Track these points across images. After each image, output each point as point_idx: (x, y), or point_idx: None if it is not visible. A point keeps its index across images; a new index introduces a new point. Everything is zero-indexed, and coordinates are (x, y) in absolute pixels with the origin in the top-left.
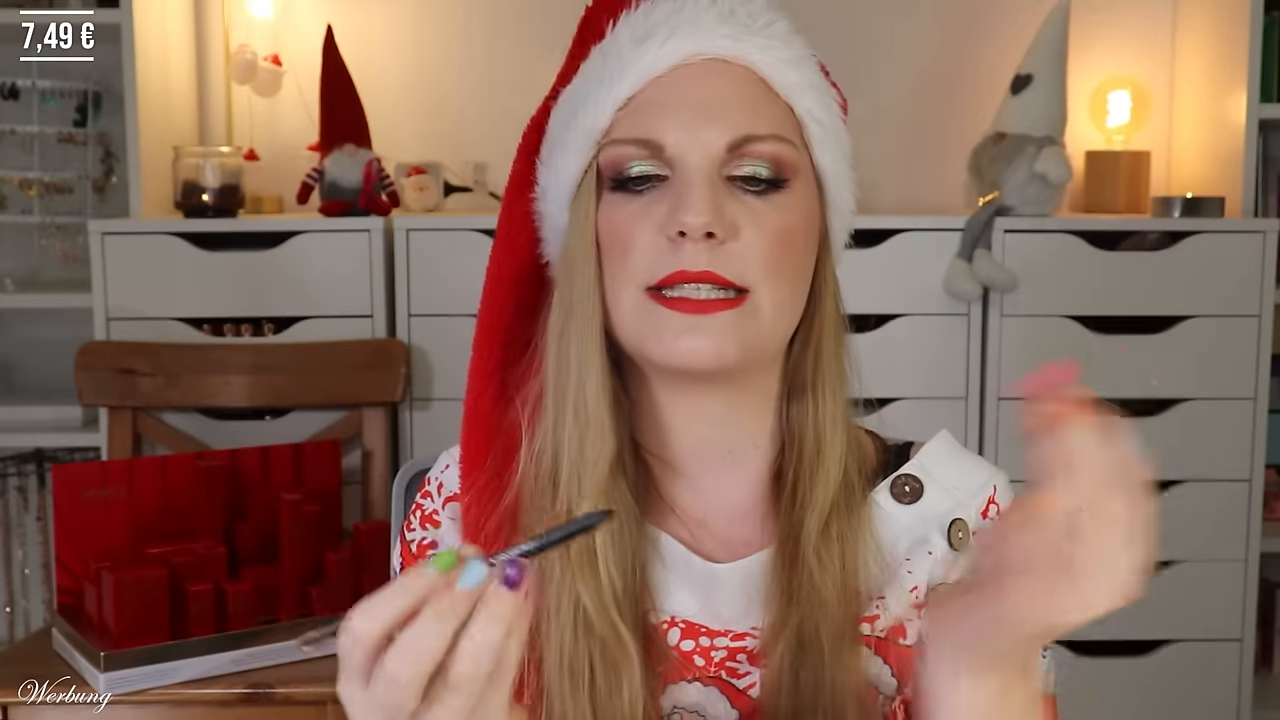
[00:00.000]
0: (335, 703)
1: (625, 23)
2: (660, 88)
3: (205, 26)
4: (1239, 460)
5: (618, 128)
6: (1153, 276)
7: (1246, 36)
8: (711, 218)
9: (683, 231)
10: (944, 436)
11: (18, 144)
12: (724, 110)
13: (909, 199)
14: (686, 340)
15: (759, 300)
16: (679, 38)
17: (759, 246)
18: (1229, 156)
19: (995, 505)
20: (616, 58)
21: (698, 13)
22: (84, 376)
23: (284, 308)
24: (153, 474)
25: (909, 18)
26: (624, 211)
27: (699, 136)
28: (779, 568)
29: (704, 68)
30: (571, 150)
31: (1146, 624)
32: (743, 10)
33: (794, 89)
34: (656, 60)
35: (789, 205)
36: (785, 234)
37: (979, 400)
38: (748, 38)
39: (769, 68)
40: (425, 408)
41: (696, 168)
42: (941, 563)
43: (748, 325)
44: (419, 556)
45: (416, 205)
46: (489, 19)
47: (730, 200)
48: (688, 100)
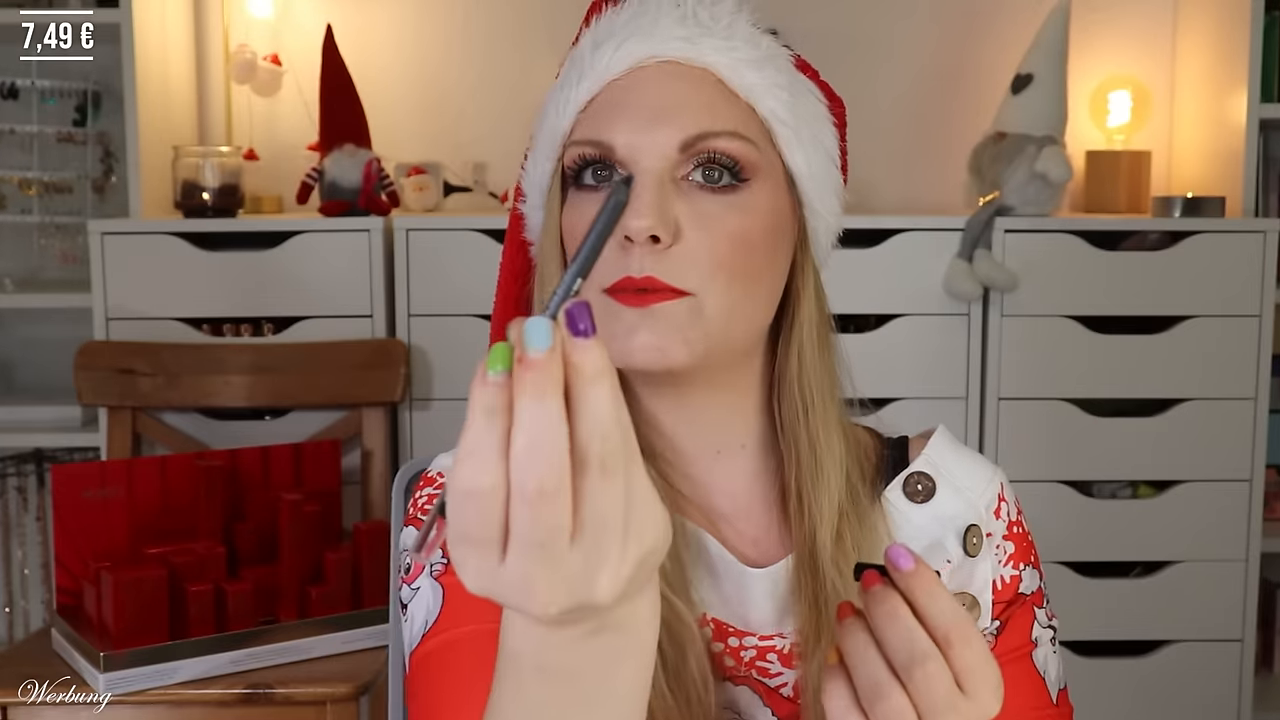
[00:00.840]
0: (335, 703)
1: (592, 28)
2: (616, 90)
3: (205, 26)
4: (1239, 460)
5: (577, 129)
6: (1153, 276)
7: (1247, 36)
8: (654, 221)
9: (629, 236)
10: (944, 431)
11: (17, 144)
12: (677, 111)
13: (909, 199)
14: (635, 338)
15: (703, 302)
16: (634, 40)
17: (704, 249)
18: (1229, 156)
19: (1005, 502)
20: (579, 62)
21: (657, 16)
22: (83, 376)
23: (284, 308)
24: (152, 474)
25: (909, 18)
26: (581, 211)
27: (650, 138)
28: (802, 580)
29: (658, 70)
30: (541, 153)
31: (1146, 624)
32: (705, 12)
33: (754, 89)
34: (612, 63)
35: (747, 205)
36: (739, 235)
37: (979, 400)
38: (704, 39)
39: (727, 69)
40: (425, 408)
41: (647, 170)
42: (959, 571)
43: (694, 326)
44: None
45: (416, 205)
46: (489, 19)
47: (680, 202)
48: (640, 102)
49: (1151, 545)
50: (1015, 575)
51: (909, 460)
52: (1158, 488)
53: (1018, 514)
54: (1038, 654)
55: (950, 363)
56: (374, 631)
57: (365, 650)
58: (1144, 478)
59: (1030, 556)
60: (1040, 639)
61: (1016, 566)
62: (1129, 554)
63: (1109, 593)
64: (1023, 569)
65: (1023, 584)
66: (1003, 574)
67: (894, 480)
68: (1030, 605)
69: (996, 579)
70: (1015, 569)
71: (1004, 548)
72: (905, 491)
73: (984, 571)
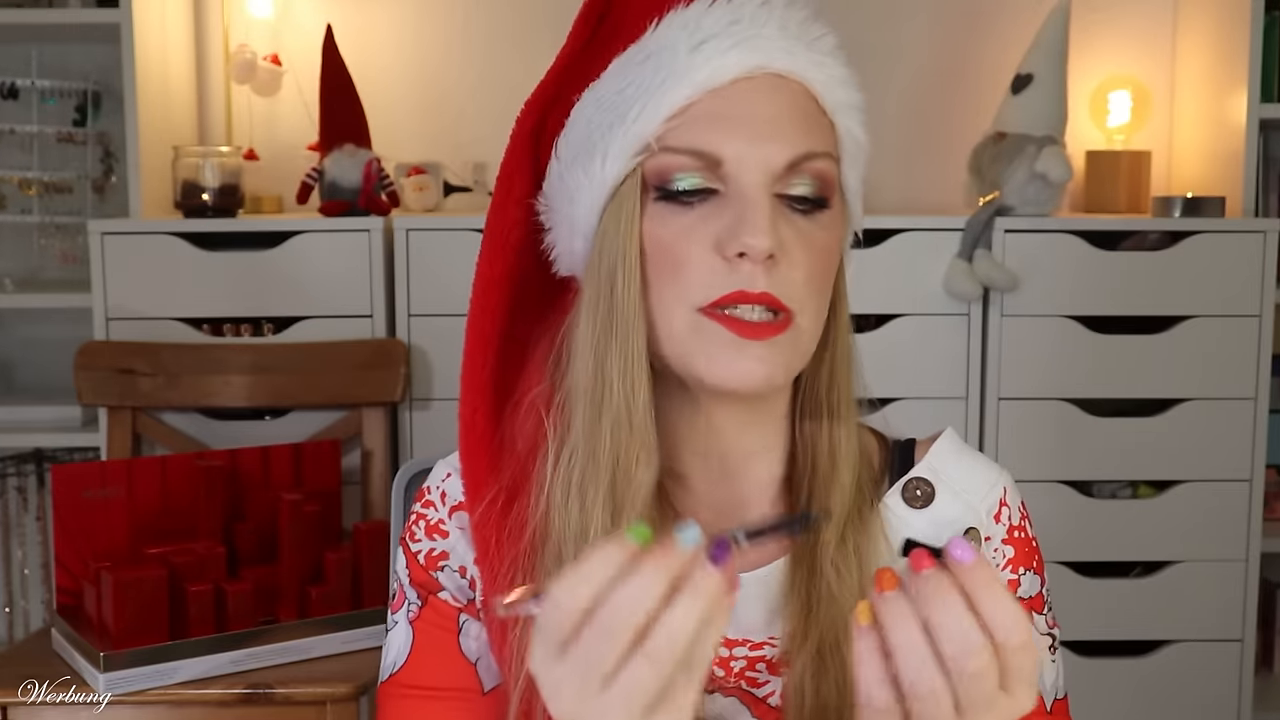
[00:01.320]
0: (335, 703)
1: (674, 25)
2: (719, 100)
3: (205, 26)
4: (1239, 460)
5: (670, 136)
6: (1153, 276)
7: (1247, 36)
8: (773, 240)
9: (743, 252)
10: (950, 435)
11: (17, 144)
12: (784, 127)
13: (909, 199)
14: (741, 364)
15: (802, 322)
16: (742, 50)
17: (805, 268)
18: (1229, 156)
19: (1006, 507)
20: (669, 63)
21: (757, 26)
22: (83, 376)
23: (284, 308)
24: (152, 474)
25: (909, 18)
26: (673, 225)
27: (760, 152)
28: (797, 578)
29: (765, 82)
30: (612, 156)
31: (1146, 624)
32: (794, 24)
33: (840, 108)
34: (717, 71)
35: (830, 224)
36: (826, 254)
37: (979, 400)
38: (803, 53)
39: (821, 85)
40: (425, 408)
41: (757, 185)
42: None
43: (794, 348)
44: (429, 568)
45: (416, 205)
46: (489, 19)
47: (782, 220)
48: (749, 115)
49: (1151, 545)
50: (1013, 580)
51: (912, 464)
52: (1158, 488)
53: (1021, 518)
54: None
55: (950, 363)
56: (374, 631)
57: (365, 650)
58: (1144, 478)
59: (1032, 562)
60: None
61: (1015, 571)
62: (1129, 554)
63: (1109, 593)
64: (1022, 574)
65: (1020, 589)
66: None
67: (894, 486)
68: (1028, 611)
69: None
70: (1014, 573)
71: (1003, 551)
72: (904, 497)
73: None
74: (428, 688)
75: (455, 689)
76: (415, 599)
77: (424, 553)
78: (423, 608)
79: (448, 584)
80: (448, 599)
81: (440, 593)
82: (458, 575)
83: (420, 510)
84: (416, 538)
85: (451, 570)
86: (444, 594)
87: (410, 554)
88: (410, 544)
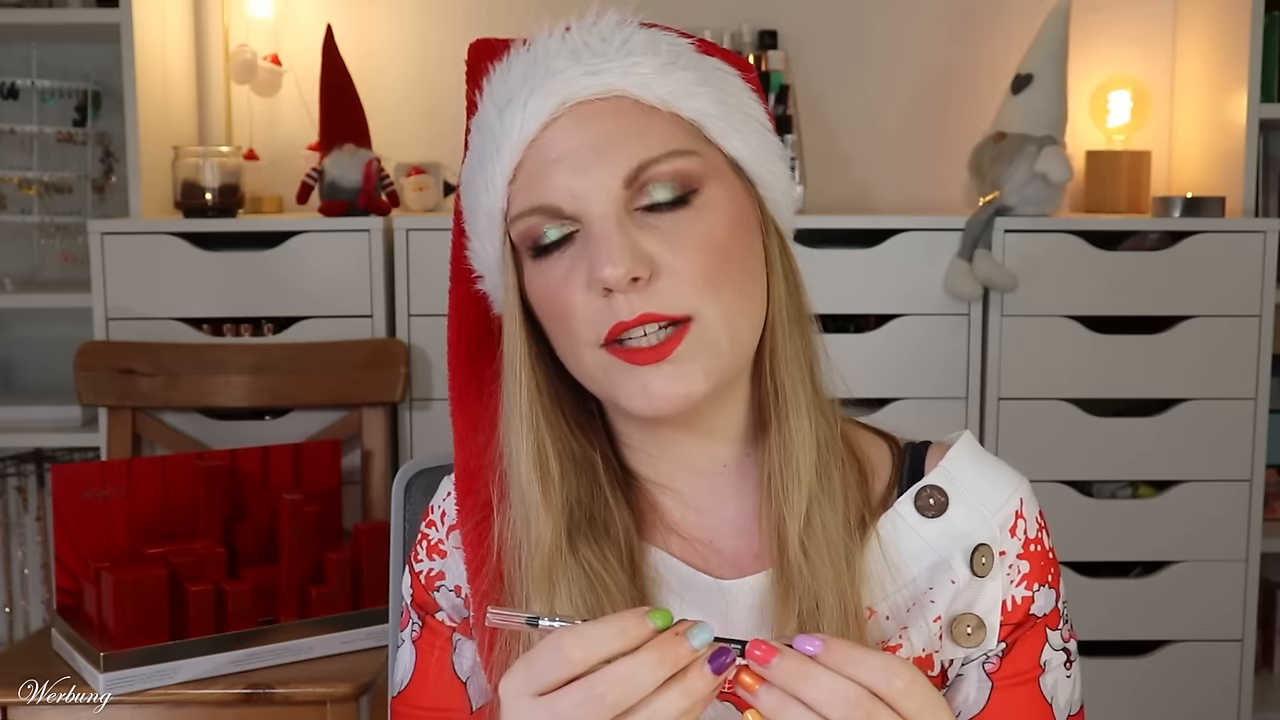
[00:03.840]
0: (335, 703)
1: (488, 92)
2: (539, 150)
3: (205, 26)
4: (1239, 460)
5: (515, 202)
6: (1153, 276)
7: (1247, 36)
8: (630, 263)
9: (608, 286)
10: (968, 440)
11: (17, 144)
12: (607, 148)
13: (909, 199)
14: (653, 388)
15: (706, 319)
16: (540, 95)
17: (687, 268)
18: (1229, 156)
19: (1022, 519)
20: (490, 132)
21: (549, 61)
22: (83, 376)
23: (284, 308)
24: (152, 474)
25: (909, 18)
26: (552, 277)
27: (588, 182)
28: (779, 583)
29: (573, 114)
30: (484, 234)
31: (1146, 624)
32: (592, 38)
33: (672, 96)
34: (525, 124)
35: (708, 213)
36: (711, 243)
37: (979, 400)
38: (606, 66)
39: (638, 88)
40: (425, 408)
41: (600, 216)
42: (965, 590)
43: (705, 348)
44: (428, 588)
45: (416, 205)
46: (489, 19)
47: (645, 235)
48: (568, 152)
49: (1151, 545)
50: (1028, 596)
51: (924, 471)
52: (1158, 488)
53: (1038, 530)
54: (1045, 679)
55: (950, 363)
56: (374, 631)
57: (365, 650)
58: (1144, 478)
59: (1047, 576)
60: (1050, 663)
61: (1030, 587)
62: (1129, 554)
63: (1109, 593)
64: (1037, 590)
65: (1035, 605)
66: (1014, 594)
67: (906, 492)
68: (1042, 628)
69: (1007, 599)
70: (1028, 589)
71: (1018, 567)
72: (917, 505)
73: (993, 591)
74: (428, 708)
75: (452, 709)
76: (416, 619)
77: (425, 573)
78: (422, 628)
79: (444, 604)
80: (444, 619)
81: (438, 613)
82: (453, 595)
83: (424, 530)
84: (419, 558)
85: (448, 590)
86: (441, 614)
87: (414, 574)
88: (414, 564)
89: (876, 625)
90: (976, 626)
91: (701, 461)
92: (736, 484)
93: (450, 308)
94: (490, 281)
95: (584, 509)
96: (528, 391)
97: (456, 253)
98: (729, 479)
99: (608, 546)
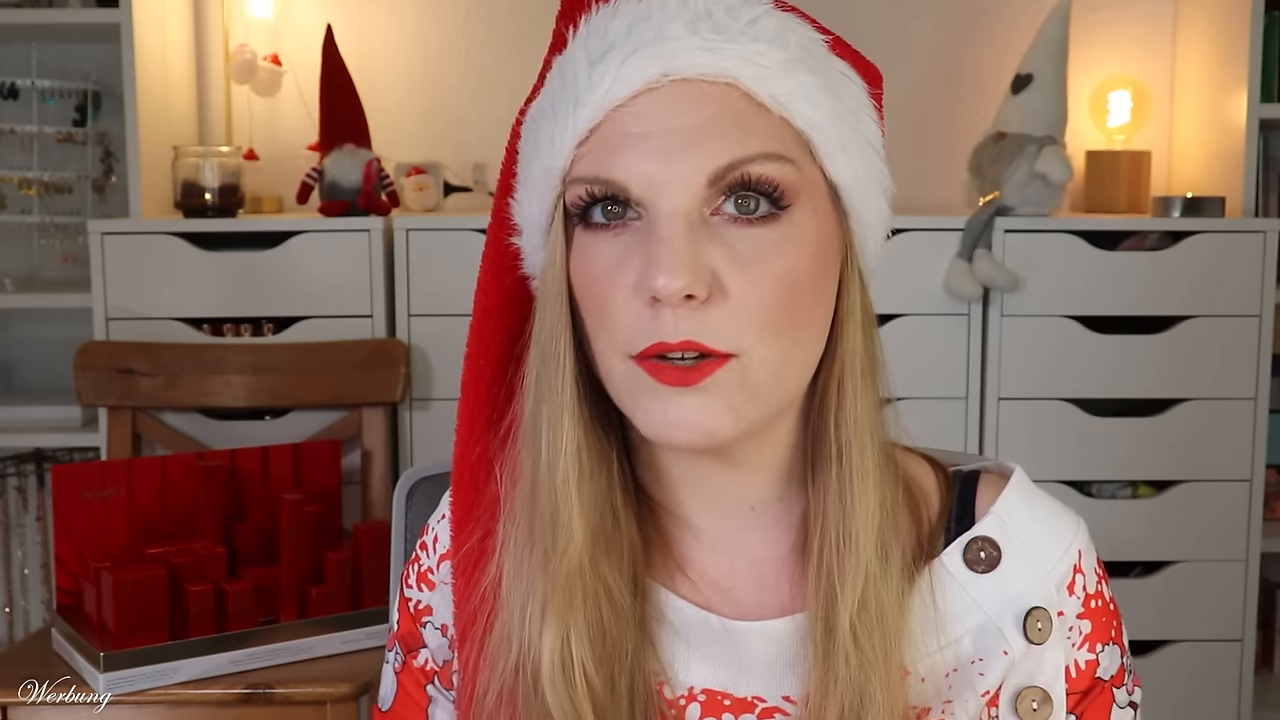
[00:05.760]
0: (335, 703)
1: (583, 32)
2: (622, 118)
3: (205, 26)
4: (1239, 460)
5: (578, 165)
6: (1153, 276)
7: (1247, 36)
8: (689, 279)
9: (657, 296)
10: (1020, 481)
11: (17, 144)
12: (700, 138)
13: (909, 199)
14: (673, 415)
15: (752, 359)
16: (641, 56)
17: (753, 302)
18: (1229, 156)
19: (1081, 574)
20: (573, 81)
21: (664, 21)
22: (83, 376)
23: (284, 308)
24: (152, 474)
25: (910, 18)
26: (598, 260)
27: (671, 173)
28: (816, 634)
29: (674, 91)
30: (534, 188)
31: (1146, 624)
32: (719, 9)
33: (788, 99)
34: (615, 86)
35: (792, 239)
36: (788, 279)
37: (979, 400)
38: (726, 46)
39: (754, 81)
40: (425, 408)
41: (670, 214)
42: (1023, 661)
43: (742, 392)
44: (416, 619)
45: (416, 205)
46: (489, 19)
47: (715, 248)
48: (657, 131)
49: (1151, 545)
50: (1092, 660)
51: (974, 511)
52: (1158, 488)
53: (1098, 583)
54: None
55: (950, 363)
56: (374, 631)
57: (365, 650)
58: (1144, 478)
59: (1110, 633)
60: None
61: (1093, 649)
62: (1129, 554)
63: None
64: (1100, 650)
65: (1100, 668)
66: (1077, 659)
67: (954, 543)
68: (1109, 689)
69: (1070, 665)
70: (1092, 652)
71: (1078, 628)
72: (965, 558)
73: (1055, 658)
74: None
75: None
76: (400, 651)
77: (414, 603)
78: (404, 664)
79: (430, 642)
80: (425, 662)
81: (421, 651)
82: (439, 634)
83: (417, 551)
84: (409, 583)
85: (434, 628)
86: (424, 654)
87: (404, 600)
88: (404, 588)
89: (912, 687)
90: (1043, 701)
91: (727, 499)
92: (766, 527)
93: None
94: (528, 240)
95: (604, 519)
96: (570, 376)
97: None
98: (757, 521)
99: (621, 566)
